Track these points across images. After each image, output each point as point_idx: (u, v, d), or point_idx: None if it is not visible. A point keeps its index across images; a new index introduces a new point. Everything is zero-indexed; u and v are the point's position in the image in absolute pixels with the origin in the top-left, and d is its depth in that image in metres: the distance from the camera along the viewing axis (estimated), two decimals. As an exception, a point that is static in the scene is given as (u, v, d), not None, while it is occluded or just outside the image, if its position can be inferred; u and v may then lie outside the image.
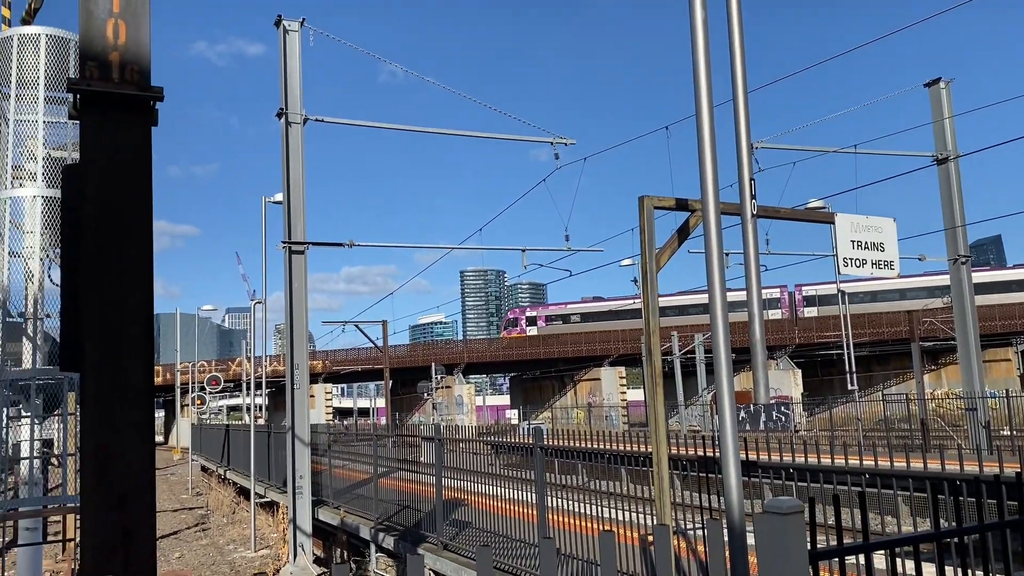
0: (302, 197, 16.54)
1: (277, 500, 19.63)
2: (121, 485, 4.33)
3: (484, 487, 11.02)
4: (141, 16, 4.68)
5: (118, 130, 4.58)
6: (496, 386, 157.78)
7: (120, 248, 4.45)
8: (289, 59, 16.29)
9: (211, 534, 22.02)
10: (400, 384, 69.77)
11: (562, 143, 18.70)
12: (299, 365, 16.21)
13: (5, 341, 6.42)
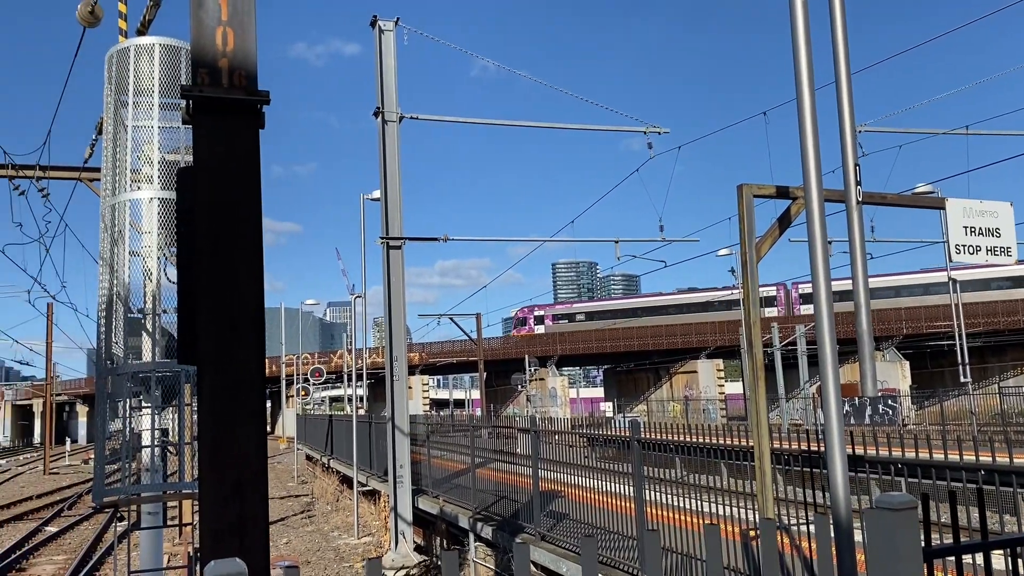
0: (399, 193, 16.87)
1: (379, 489, 20.15)
2: (236, 473, 4.52)
3: (580, 479, 11.03)
4: (248, 23, 4.86)
5: (228, 133, 4.78)
6: (590, 378, 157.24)
7: (232, 246, 4.65)
8: (384, 58, 16.61)
9: (316, 521, 22.79)
10: (494, 376, 70.37)
11: (655, 132, 18.46)
12: (398, 357, 16.58)
13: (127, 336, 6.79)
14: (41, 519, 25.94)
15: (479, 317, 56.05)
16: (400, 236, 16.83)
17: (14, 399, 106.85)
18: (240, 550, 4.53)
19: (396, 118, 16.75)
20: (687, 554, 8.25)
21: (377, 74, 16.66)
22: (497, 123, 20.39)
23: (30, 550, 20.04)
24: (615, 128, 19.23)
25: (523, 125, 20.09)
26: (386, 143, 16.71)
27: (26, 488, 38.25)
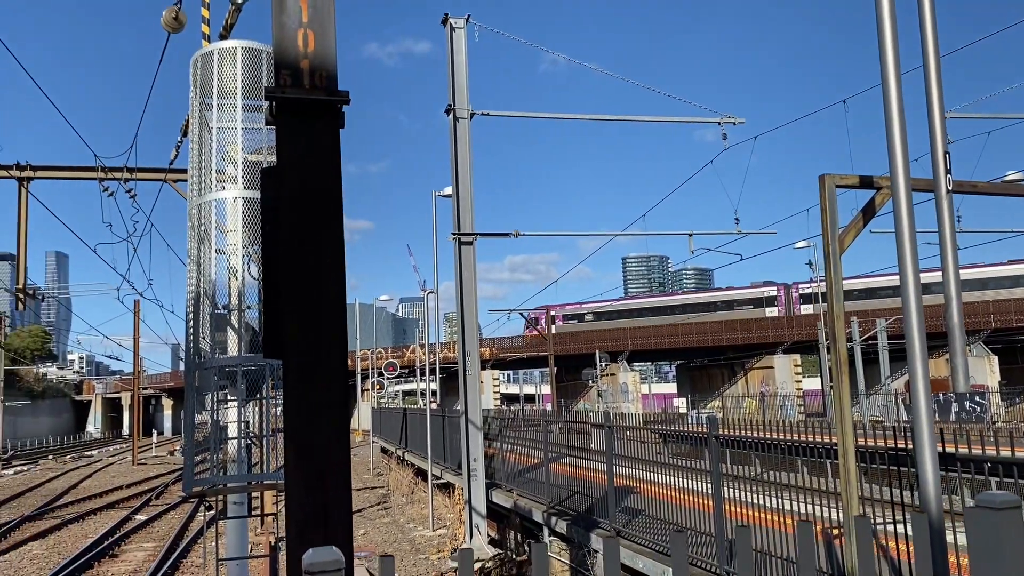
0: (470, 190, 16.99)
1: (453, 482, 20.36)
2: (320, 464, 4.63)
3: (654, 475, 10.94)
4: (327, 24, 4.96)
5: (310, 133, 4.89)
6: (662, 374, 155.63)
7: (315, 242, 4.75)
8: (456, 55, 16.73)
9: (392, 513, 23.16)
10: (564, 371, 70.28)
11: (730, 123, 18.13)
12: (470, 352, 16.72)
13: (213, 331, 7.02)
14: (131, 508, 27.05)
15: (548, 311, 56.05)
16: (471, 232, 16.95)
17: (104, 393, 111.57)
18: (324, 539, 4.63)
19: (467, 115, 16.86)
20: (766, 552, 8.10)
21: (448, 72, 16.80)
22: (567, 117, 20.32)
23: (121, 537, 20.93)
24: (688, 119, 18.98)
25: (593, 118, 19.98)
26: (457, 140, 16.84)
27: (116, 478, 39.93)
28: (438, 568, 14.84)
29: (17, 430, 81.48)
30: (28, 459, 59.45)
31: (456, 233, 16.80)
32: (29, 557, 18.83)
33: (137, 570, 16.90)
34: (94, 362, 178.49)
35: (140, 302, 52.29)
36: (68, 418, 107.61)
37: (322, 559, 2.12)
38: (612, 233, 22.48)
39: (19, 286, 19.12)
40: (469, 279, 16.84)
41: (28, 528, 23.27)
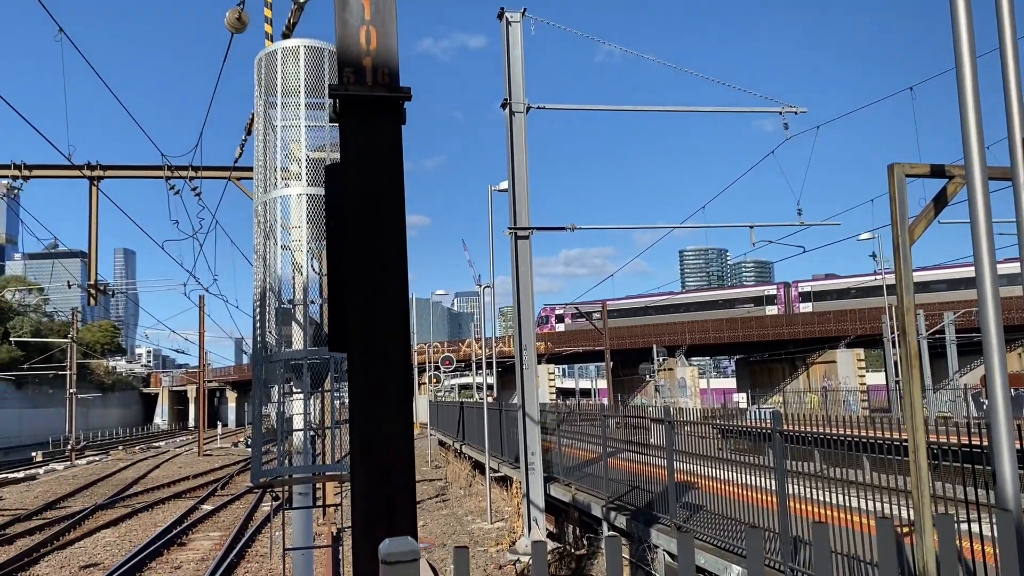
0: (526, 184, 16.98)
1: (510, 475, 20.44)
2: (384, 457, 4.69)
3: (714, 470, 10.82)
4: (389, 21, 5.00)
5: (372, 129, 4.94)
6: (720, 368, 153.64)
7: (379, 238, 4.81)
8: (512, 49, 16.72)
9: (450, 505, 23.36)
10: (621, 365, 69.90)
11: (792, 112, 17.78)
12: (527, 346, 16.73)
13: (280, 325, 7.16)
14: (198, 497, 27.82)
15: (604, 306, 55.78)
16: (528, 226, 16.94)
17: (171, 385, 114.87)
18: (389, 530, 4.69)
19: (523, 109, 16.84)
20: (831, 550, 7.95)
21: (504, 66, 16.80)
22: (623, 108, 20.17)
23: (189, 526, 21.54)
24: (748, 109, 18.66)
25: (650, 110, 19.80)
26: (513, 134, 16.83)
27: (183, 468, 41.10)
28: (496, 561, 14.93)
29: (89, 421, 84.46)
30: (99, 450, 61.60)
31: (512, 228, 16.81)
32: (103, 544, 19.51)
33: (204, 558, 17.37)
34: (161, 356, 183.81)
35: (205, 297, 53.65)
36: (137, 410, 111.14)
37: (398, 549, 2.15)
38: (669, 226, 22.27)
39: (91, 282, 19.79)
40: (525, 273, 16.84)
41: (101, 516, 24.10)
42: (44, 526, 22.20)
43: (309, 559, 7.69)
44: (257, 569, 16.00)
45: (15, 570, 16.32)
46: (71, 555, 18.21)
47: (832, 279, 69.26)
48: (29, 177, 19.31)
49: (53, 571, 16.50)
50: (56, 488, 32.93)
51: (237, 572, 15.77)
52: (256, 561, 16.84)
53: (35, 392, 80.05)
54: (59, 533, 20.87)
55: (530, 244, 16.94)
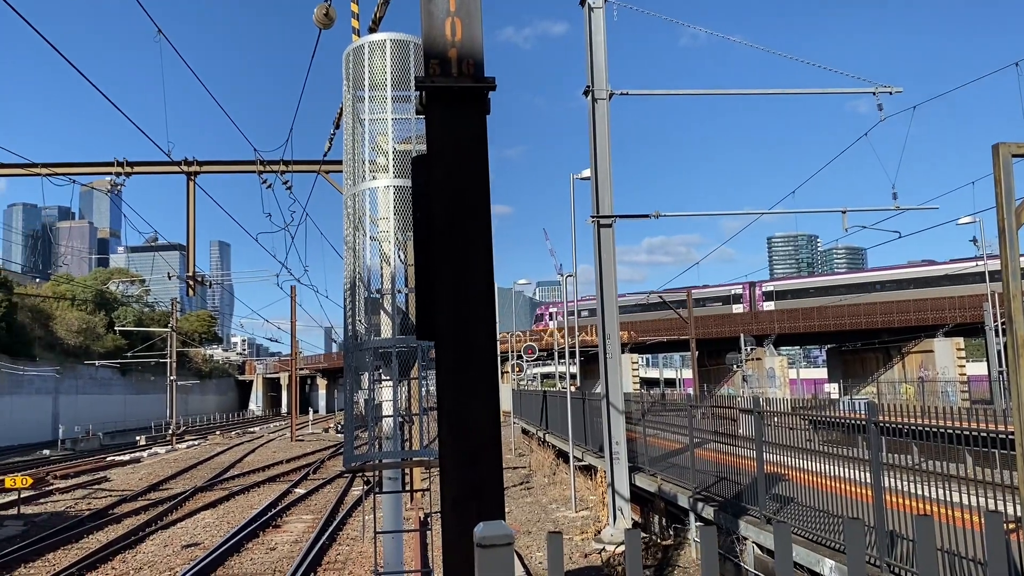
0: (608, 171, 16.86)
1: (594, 464, 20.41)
2: (473, 442, 4.75)
3: (804, 462, 10.57)
4: (474, 11, 5.04)
5: (458, 120, 4.99)
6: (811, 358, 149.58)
7: (465, 227, 4.87)
8: (594, 36, 16.59)
9: (534, 493, 23.50)
10: (706, 355, 68.81)
11: (886, 92, 17.10)
12: (610, 335, 16.65)
13: (369, 314, 7.34)
14: (291, 481, 28.75)
15: (690, 294, 54.97)
16: (610, 214, 16.83)
17: (264, 373, 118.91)
18: (478, 514, 4.75)
19: (606, 95, 16.71)
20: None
21: (587, 53, 16.69)
22: (710, 93, 19.80)
23: (283, 509, 22.29)
24: (840, 91, 18.03)
25: (737, 93, 19.37)
26: (596, 121, 16.72)
27: (276, 453, 42.52)
28: (582, 549, 14.94)
29: (188, 407, 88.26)
30: (198, 434, 64.29)
31: (595, 216, 16.72)
32: (202, 525, 20.39)
33: (298, 540, 17.96)
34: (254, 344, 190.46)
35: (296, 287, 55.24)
36: (232, 396, 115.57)
37: (492, 533, 2.19)
38: (757, 212, 21.74)
39: (189, 274, 20.64)
40: (608, 262, 16.74)
41: (200, 498, 25.19)
42: (148, 506, 23.35)
43: (399, 542, 7.87)
44: (348, 552, 16.45)
45: (124, 547, 17.24)
46: (173, 534, 19.11)
47: (929, 265, 66.53)
48: (131, 173, 20.27)
49: (157, 549, 17.34)
50: (158, 471, 34.56)
51: (329, 554, 16.25)
52: (347, 544, 17.31)
53: (138, 379, 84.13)
54: (162, 513, 21.91)
55: (613, 232, 16.83)
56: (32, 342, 66.29)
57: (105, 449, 50.28)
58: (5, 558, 15.98)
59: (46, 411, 65.32)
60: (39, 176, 20.25)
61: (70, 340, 73.79)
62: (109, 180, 20.87)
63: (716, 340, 66.81)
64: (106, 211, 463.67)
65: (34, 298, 73.74)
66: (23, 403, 61.94)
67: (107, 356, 75.93)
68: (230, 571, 15.07)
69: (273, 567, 15.29)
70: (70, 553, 17.00)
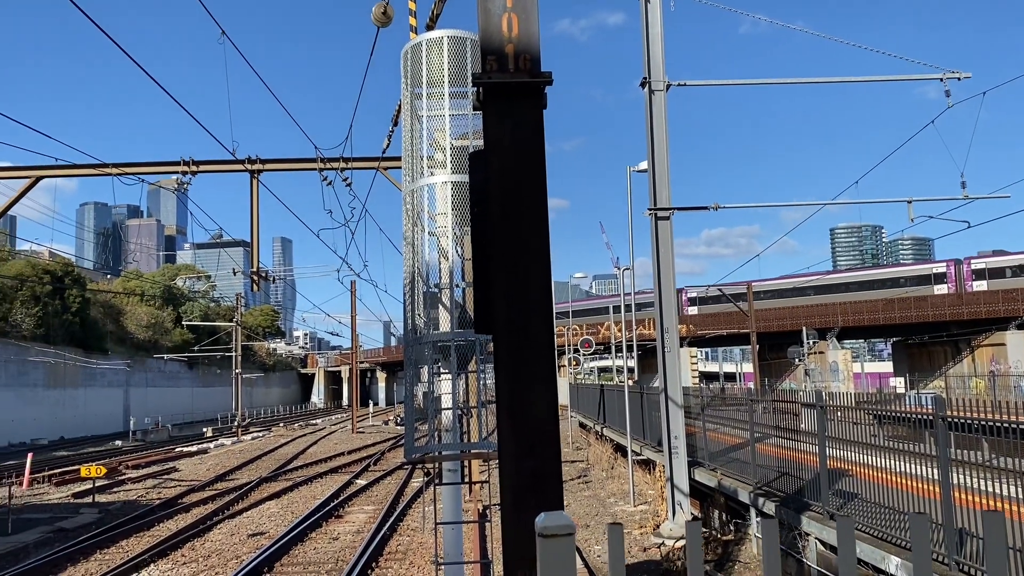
0: (666, 163, 16.72)
1: (653, 459, 20.31)
2: (532, 435, 4.80)
3: (868, 457, 10.37)
4: (530, 6, 5.06)
5: (515, 116, 5.02)
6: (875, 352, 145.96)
7: (522, 222, 4.90)
8: (651, 27, 16.46)
9: (592, 487, 23.48)
10: (767, 348, 67.68)
11: (954, 78, 16.58)
12: (669, 329, 16.54)
13: (428, 309, 7.44)
14: (352, 473, 29.26)
15: (750, 287, 54.13)
16: (668, 207, 16.69)
17: (326, 366, 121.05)
18: (537, 506, 4.80)
19: (663, 87, 16.57)
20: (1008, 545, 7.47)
21: (643, 44, 16.57)
22: (770, 82, 19.44)
23: (345, 500, 22.72)
24: (906, 77, 17.52)
25: (799, 82, 18.98)
26: (653, 113, 16.60)
27: (338, 445, 43.30)
28: (640, 543, 14.89)
29: (252, 400, 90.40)
30: (262, 426, 65.82)
31: (652, 208, 16.61)
32: (267, 515, 20.90)
33: (359, 530, 18.29)
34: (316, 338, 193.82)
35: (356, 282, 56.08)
36: (295, 389, 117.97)
37: (554, 523, 2.23)
38: (820, 203, 21.28)
39: (254, 269, 21.14)
40: (666, 255, 16.62)
41: (265, 488, 25.82)
42: (215, 496, 24.03)
43: (459, 533, 7.98)
44: (408, 542, 16.69)
45: (193, 535, 17.79)
46: (240, 523, 19.64)
47: (1001, 255, 64.29)
48: (197, 172, 20.84)
49: (225, 537, 17.85)
50: (225, 461, 35.51)
51: (390, 544, 16.51)
52: (407, 535, 17.57)
53: (204, 372, 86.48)
54: (229, 503, 22.52)
55: (671, 225, 16.69)
56: (104, 336, 68.68)
57: (174, 440, 51.86)
58: (83, 544, 16.64)
59: (118, 403, 67.66)
60: (110, 176, 20.97)
61: (140, 334, 76.22)
62: (175, 179, 21.51)
63: (777, 333, 65.65)
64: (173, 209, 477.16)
65: (106, 294, 76.35)
66: (96, 395, 64.27)
67: (175, 350, 78.27)
68: (294, 560, 15.44)
69: (336, 556, 15.61)
70: (142, 540, 17.61)
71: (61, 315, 61.08)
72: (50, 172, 21.61)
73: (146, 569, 14.86)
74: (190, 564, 15.23)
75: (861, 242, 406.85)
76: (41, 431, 54.15)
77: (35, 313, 57.25)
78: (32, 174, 21.72)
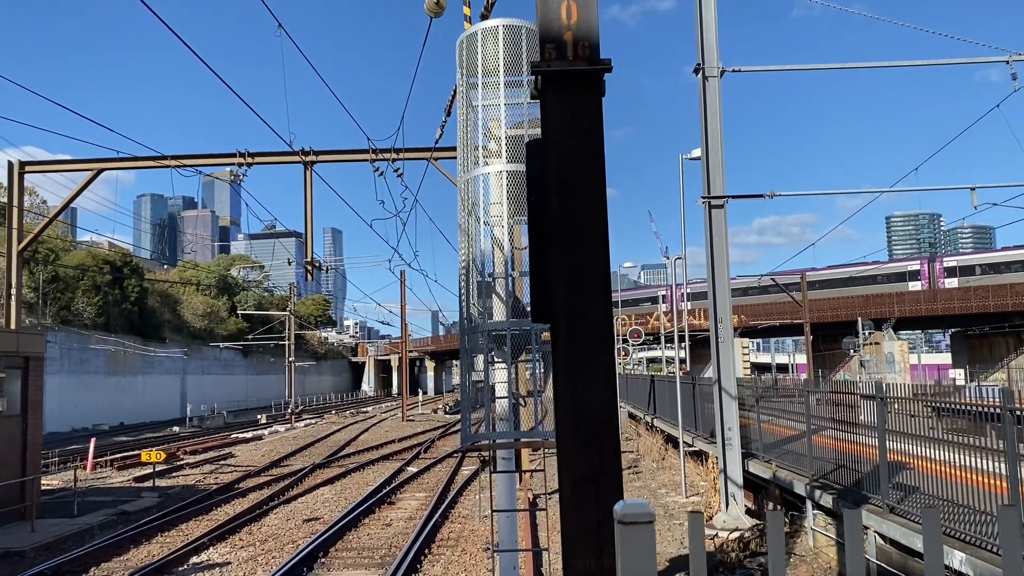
0: (720, 151, 16.48)
1: (705, 450, 20.13)
2: (591, 424, 4.79)
3: (928, 450, 10.13)
4: (590, -6, 5.03)
5: (574, 104, 4.99)
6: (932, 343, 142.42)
7: (581, 211, 4.88)
8: (704, 13, 16.21)
9: (643, 478, 23.37)
10: (821, 339, 66.49)
11: (1021, 60, 16.02)
12: (722, 319, 16.35)
13: (485, 298, 7.46)
14: (403, 460, 29.58)
15: (804, 276, 53.22)
16: (722, 195, 16.46)
17: (376, 355, 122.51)
18: (596, 495, 4.80)
19: (717, 73, 16.32)
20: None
21: (697, 29, 16.33)
22: (827, 67, 18.97)
23: (397, 487, 22.98)
24: (968, 60, 16.98)
25: (856, 67, 18.48)
26: (707, 100, 16.36)
27: (389, 432, 43.81)
28: (693, 534, 14.80)
29: (305, 387, 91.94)
30: (314, 413, 66.90)
31: (706, 196, 16.40)
32: (321, 500, 21.26)
33: (412, 517, 18.49)
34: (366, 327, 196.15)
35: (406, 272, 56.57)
36: (346, 377, 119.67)
37: (634, 511, 2.23)
38: (879, 190, 20.76)
39: (308, 259, 21.45)
40: (720, 244, 16.41)
41: (318, 475, 26.25)
42: (271, 482, 24.52)
43: (513, 521, 8.01)
44: (460, 529, 16.83)
45: (250, 520, 18.18)
46: (295, 509, 20.00)
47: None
48: (252, 164, 21.19)
49: (281, 522, 18.21)
50: (279, 448, 36.20)
51: (442, 531, 16.66)
52: (459, 522, 17.71)
53: (258, 360, 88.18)
54: (284, 488, 22.97)
55: (725, 213, 16.47)
56: (162, 325, 70.47)
57: (229, 427, 53.03)
58: (145, 526, 17.13)
59: (175, 390, 69.42)
60: (168, 168, 21.45)
61: (196, 323, 78.02)
62: (229, 170, 21.90)
63: (831, 324, 64.47)
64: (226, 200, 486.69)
65: (163, 283, 78.27)
66: (154, 383, 66.03)
67: (230, 338, 79.95)
68: (348, 545, 15.68)
69: (389, 542, 15.81)
70: (201, 524, 18.06)
71: (120, 304, 62.84)
72: (111, 164, 22.20)
73: (205, 552, 15.23)
74: (247, 548, 15.57)
75: (918, 230, 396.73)
76: (102, 417, 55.85)
77: (96, 302, 58.96)
78: (94, 166, 22.33)
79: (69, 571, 13.84)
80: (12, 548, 15.23)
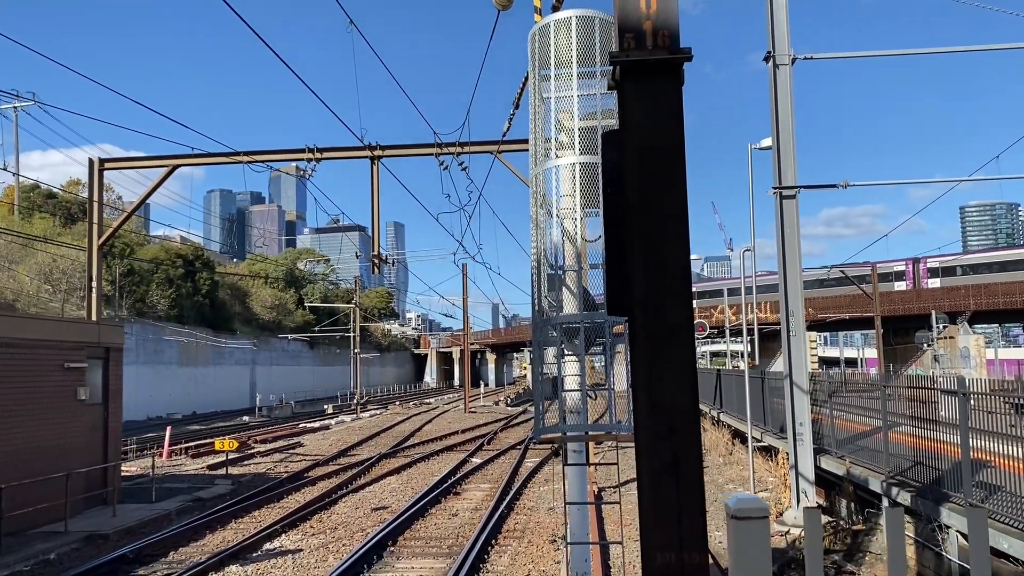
0: (791, 140, 16.13)
1: (775, 445, 19.78)
2: (669, 416, 4.74)
3: (1013, 448, 9.76)
4: (670, -18, 4.95)
5: (653, 94, 4.93)
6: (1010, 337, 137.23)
7: (661, 202, 4.82)
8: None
9: (710, 472, 23.09)
10: (893, 333, 64.63)
11: (1114, 41, 15.25)
12: (794, 312, 16.01)
13: (556, 291, 7.45)
14: (467, 451, 29.81)
15: (874, 268, 51.82)
16: (794, 185, 16.11)
17: (438, 347, 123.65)
18: (676, 489, 4.74)
19: (788, 60, 15.95)
20: None
21: (767, 15, 15.98)
22: (901, 53, 18.40)
23: (461, 477, 23.17)
24: (1058, 42, 16.26)
25: (931, 52, 17.88)
26: (778, 88, 16.01)
27: (452, 424, 44.18)
28: (762, 530, 14.56)
29: (369, 379, 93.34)
30: (379, 404, 67.88)
31: (777, 187, 16.06)
32: (389, 490, 21.58)
33: (477, 508, 18.63)
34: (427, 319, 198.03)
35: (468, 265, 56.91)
36: (409, 369, 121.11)
37: (748, 506, 2.21)
38: (955, 180, 20.08)
39: (374, 253, 21.73)
40: (791, 235, 16.06)
41: (385, 464, 26.65)
42: (339, 471, 24.98)
43: (585, 513, 8.01)
44: (526, 521, 16.88)
45: (320, 508, 18.56)
46: (363, 498, 20.34)
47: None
48: (321, 159, 21.54)
49: (350, 511, 18.54)
50: (346, 437, 36.84)
51: (508, 523, 16.75)
52: (524, 514, 17.76)
53: (324, 352, 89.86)
54: (352, 478, 23.38)
55: (796, 204, 16.12)
56: (232, 317, 72.34)
57: (297, 417, 54.17)
58: (219, 512, 17.64)
59: (244, 381, 71.22)
60: (240, 163, 21.95)
61: (264, 315, 79.87)
62: (295, 165, 22.30)
63: (903, 317, 62.66)
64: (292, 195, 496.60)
65: (232, 277, 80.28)
66: (225, 373, 67.85)
67: (297, 330, 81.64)
68: (416, 535, 15.88)
69: (456, 532, 15.96)
70: (273, 511, 18.51)
71: (192, 297, 64.72)
72: (186, 161, 22.82)
73: (278, 538, 15.61)
74: (318, 535, 15.90)
75: (995, 221, 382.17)
76: (175, 406, 57.68)
77: (169, 295, 60.84)
78: (169, 163, 23.00)
79: (150, 554, 14.34)
80: (97, 531, 15.86)
